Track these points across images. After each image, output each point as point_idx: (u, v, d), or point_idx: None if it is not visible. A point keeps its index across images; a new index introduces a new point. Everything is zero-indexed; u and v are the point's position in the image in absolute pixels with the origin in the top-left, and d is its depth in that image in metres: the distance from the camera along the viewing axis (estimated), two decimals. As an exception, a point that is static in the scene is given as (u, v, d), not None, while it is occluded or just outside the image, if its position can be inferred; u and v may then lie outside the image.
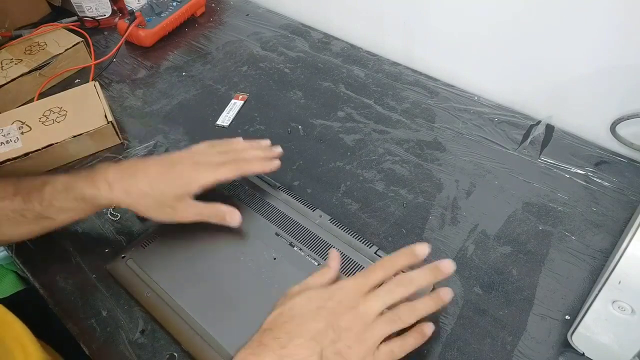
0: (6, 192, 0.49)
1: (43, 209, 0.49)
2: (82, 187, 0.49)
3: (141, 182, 0.49)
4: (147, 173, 0.50)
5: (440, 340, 0.48)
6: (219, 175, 0.52)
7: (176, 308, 0.48)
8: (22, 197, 0.49)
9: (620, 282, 0.39)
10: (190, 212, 0.50)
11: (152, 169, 0.50)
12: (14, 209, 0.49)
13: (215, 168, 0.52)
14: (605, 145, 0.65)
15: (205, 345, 0.46)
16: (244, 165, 0.53)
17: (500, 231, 0.56)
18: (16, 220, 0.49)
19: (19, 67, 0.76)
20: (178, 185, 0.50)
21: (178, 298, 0.49)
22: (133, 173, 0.50)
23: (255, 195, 0.58)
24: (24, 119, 0.67)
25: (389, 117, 0.71)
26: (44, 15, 0.93)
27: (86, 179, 0.49)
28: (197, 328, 0.47)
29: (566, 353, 0.46)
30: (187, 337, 0.47)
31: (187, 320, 0.47)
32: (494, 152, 0.65)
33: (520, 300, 0.50)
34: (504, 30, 0.67)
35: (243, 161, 0.54)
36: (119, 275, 0.52)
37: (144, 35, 0.84)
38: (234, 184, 0.59)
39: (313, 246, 0.52)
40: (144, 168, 0.50)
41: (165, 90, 0.78)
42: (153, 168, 0.50)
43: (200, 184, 0.51)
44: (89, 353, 0.49)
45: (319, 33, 0.87)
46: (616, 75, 0.60)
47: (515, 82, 0.71)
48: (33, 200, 0.49)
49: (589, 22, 0.59)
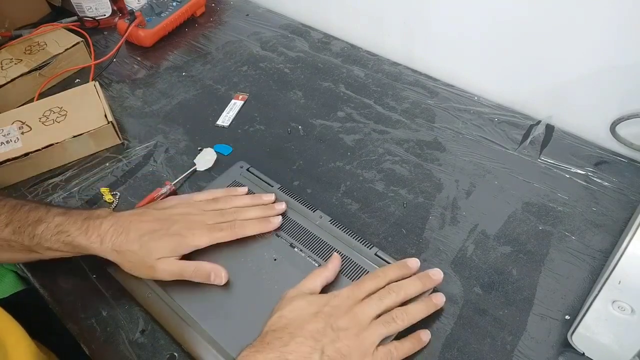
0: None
1: (32, 245, 0.48)
2: (74, 234, 0.48)
3: (131, 241, 0.48)
4: (140, 230, 0.49)
5: (440, 340, 0.48)
6: (213, 239, 0.51)
7: (177, 309, 0.48)
8: (13, 229, 0.48)
9: (620, 282, 0.39)
10: (172, 272, 0.49)
11: (145, 225, 0.49)
12: (2, 238, 0.48)
13: (210, 231, 0.51)
14: (605, 145, 0.65)
15: (205, 346, 0.46)
16: (239, 229, 0.52)
17: (500, 231, 0.56)
18: (1, 246, 0.49)
19: (19, 67, 0.76)
20: (168, 247, 0.49)
21: (179, 299, 0.49)
22: (126, 229, 0.49)
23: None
24: (24, 119, 0.67)
25: (389, 117, 0.71)
26: (44, 15, 0.93)
27: (80, 227, 0.48)
28: (198, 329, 0.47)
29: (566, 353, 0.46)
30: (188, 338, 0.47)
31: (188, 321, 0.48)
32: (494, 152, 0.65)
33: (520, 300, 0.50)
34: (504, 30, 0.67)
35: (238, 223, 0.52)
36: (121, 276, 0.51)
37: (144, 35, 0.84)
38: (237, 185, 0.60)
39: (313, 247, 0.52)
40: (138, 224, 0.49)
41: (165, 90, 0.78)
42: (147, 225, 0.49)
43: (193, 246, 0.50)
44: (89, 353, 0.49)
45: (319, 33, 0.87)
46: (616, 75, 0.60)
47: (515, 82, 0.71)
48: (23, 234, 0.48)
49: (589, 22, 0.59)
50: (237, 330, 0.46)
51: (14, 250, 0.49)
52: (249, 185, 0.59)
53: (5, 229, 0.48)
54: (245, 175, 0.61)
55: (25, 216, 0.49)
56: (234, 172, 0.62)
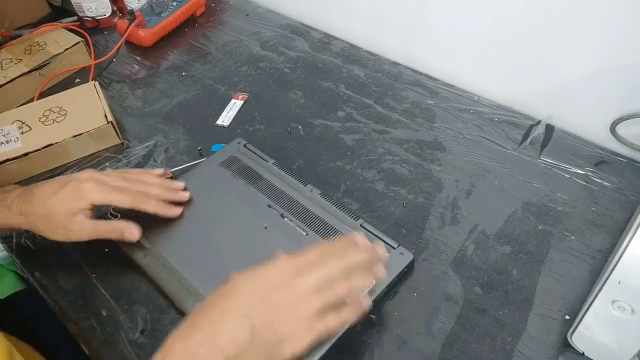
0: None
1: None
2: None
3: (35, 203, 0.50)
4: (41, 194, 0.50)
5: (440, 340, 0.48)
6: (110, 197, 0.51)
7: (171, 270, 0.51)
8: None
9: (620, 282, 0.39)
10: (85, 230, 0.50)
11: (46, 189, 0.51)
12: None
13: (109, 190, 0.52)
14: (605, 145, 0.65)
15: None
16: (140, 199, 0.53)
17: (500, 231, 0.56)
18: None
19: (19, 66, 0.76)
20: (67, 202, 0.50)
21: (173, 260, 0.52)
22: (29, 195, 0.51)
23: (250, 169, 0.60)
24: (24, 119, 0.67)
25: (389, 117, 0.71)
26: (44, 15, 0.93)
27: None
28: (191, 288, 0.49)
29: (566, 353, 0.46)
30: (181, 297, 0.49)
31: (182, 282, 0.50)
32: (494, 152, 0.65)
33: (520, 300, 0.50)
34: (504, 30, 0.67)
35: (141, 195, 0.53)
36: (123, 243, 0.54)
37: (143, 35, 0.84)
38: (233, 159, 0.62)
39: (303, 218, 0.55)
40: (40, 189, 0.51)
41: (165, 90, 0.78)
42: (47, 188, 0.51)
43: (88, 200, 0.50)
44: (88, 353, 0.49)
45: (319, 33, 0.87)
46: (616, 75, 0.60)
47: (515, 82, 0.71)
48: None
49: (589, 22, 0.59)
50: None
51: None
52: (246, 160, 0.62)
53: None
54: (242, 150, 0.63)
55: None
56: (232, 147, 0.64)
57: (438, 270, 0.53)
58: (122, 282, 0.53)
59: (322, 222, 0.54)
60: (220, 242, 0.53)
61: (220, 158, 0.62)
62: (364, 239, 0.43)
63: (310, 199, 0.57)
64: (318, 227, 0.54)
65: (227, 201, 0.57)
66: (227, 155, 0.63)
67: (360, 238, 0.43)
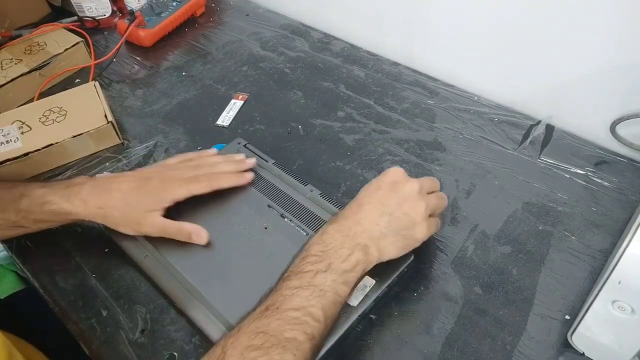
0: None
1: (18, 220, 0.51)
2: (58, 202, 0.50)
3: (114, 198, 0.51)
4: (120, 189, 0.51)
5: (440, 340, 0.48)
6: (192, 190, 0.53)
7: (171, 270, 0.51)
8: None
9: (620, 282, 0.39)
10: (156, 227, 0.52)
11: (125, 185, 0.52)
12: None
13: (187, 183, 0.53)
14: (605, 145, 0.65)
15: (198, 304, 0.48)
16: (215, 181, 0.55)
17: (500, 231, 0.56)
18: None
19: (19, 67, 0.76)
20: (150, 200, 0.51)
21: (173, 260, 0.52)
22: (107, 189, 0.51)
23: (250, 169, 0.60)
24: (24, 119, 0.67)
25: (389, 117, 0.71)
26: (44, 15, 0.93)
27: (62, 195, 0.51)
28: (191, 289, 0.49)
29: (566, 353, 0.46)
30: (182, 297, 0.49)
31: (181, 281, 0.50)
32: (494, 152, 0.65)
33: (520, 300, 0.50)
34: (504, 30, 0.67)
35: (214, 176, 0.55)
36: (119, 238, 0.53)
37: (143, 35, 0.84)
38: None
39: (303, 218, 0.55)
40: (118, 184, 0.52)
41: (165, 90, 0.78)
42: (126, 184, 0.52)
43: (172, 199, 0.52)
44: (88, 353, 0.49)
45: (319, 33, 0.87)
46: (616, 75, 0.60)
47: (515, 82, 0.71)
48: (9, 211, 0.50)
49: (589, 22, 0.59)
50: (228, 292, 0.49)
51: (2, 228, 0.52)
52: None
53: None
54: (242, 150, 0.63)
55: (8, 194, 0.51)
56: (232, 148, 0.64)
57: (438, 270, 0.53)
58: (122, 282, 0.53)
59: (322, 222, 0.54)
60: (221, 242, 0.53)
61: None
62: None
63: (310, 199, 0.57)
64: (318, 227, 0.53)
65: (227, 201, 0.57)
66: None
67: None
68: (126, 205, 0.51)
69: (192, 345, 0.48)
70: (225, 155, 0.59)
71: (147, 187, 0.52)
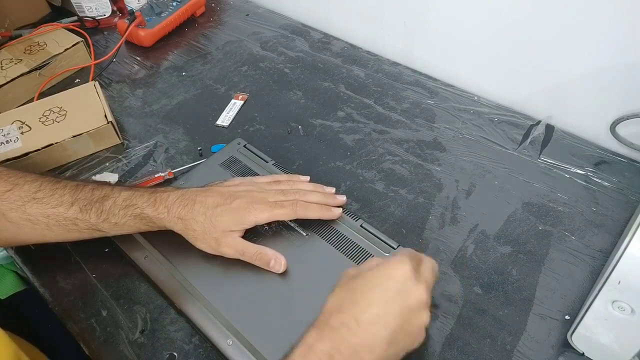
0: (63, 200, 0.49)
1: (98, 223, 0.49)
2: (143, 206, 0.50)
3: (196, 211, 0.50)
4: (205, 203, 0.50)
5: (440, 340, 0.48)
6: (275, 215, 0.51)
7: (171, 270, 0.51)
8: (80, 208, 0.49)
9: (620, 282, 0.39)
10: (234, 248, 0.50)
11: (210, 200, 0.51)
12: (68, 217, 0.49)
13: (272, 208, 0.51)
14: (605, 145, 0.65)
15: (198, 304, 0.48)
16: (301, 209, 0.53)
17: (500, 231, 0.56)
18: (67, 227, 0.49)
19: (19, 67, 0.76)
20: (231, 220, 0.50)
21: (173, 261, 0.52)
22: (191, 202, 0.50)
23: (250, 170, 0.60)
24: (24, 119, 0.67)
25: (389, 117, 0.71)
26: (44, 15, 0.93)
27: (148, 200, 0.50)
28: (191, 289, 0.49)
29: (566, 353, 0.46)
30: (182, 297, 0.49)
31: (182, 283, 0.50)
32: (494, 152, 0.65)
33: (520, 300, 0.50)
34: (504, 30, 0.67)
35: (301, 204, 0.53)
36: (119, 238, 0.53)
37: (143, 35, 0.84)
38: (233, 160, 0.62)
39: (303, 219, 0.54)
40: (203, 197, 0.51)
41: (165, 90, 0.78)
42: (211, 199, 0.51)
43: (254, 221, 0.51)
44: (88, 353, 0.49)
45: (319, 33, 0.87)
46: (616, 75, 0.60)
47: (515, 82, 0.71)
48: (90, 212, 0.49)
49: (589, 22, 0.59)
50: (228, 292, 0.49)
51: (79, 231, 0.50)
52: (245, 161, 0.61)
53: (71, 207, 0.49)
54: (242, 151, 0.63)
55: (90, 194, 0.50)
56: (232, 148, 0.64)
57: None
58: (122, 282, 0.53)
59: (322, 223, 0.54)
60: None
61: (220, 159, 0.62)
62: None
63: None
64: (318, 228, 0.54)
65: None
66: (227, 156, 0.62)
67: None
68: (207, 221, 0.49)
69: (192, 345, 0.48)
70: (315, 185, 0.57)
71: (230, 206, 0.50)
